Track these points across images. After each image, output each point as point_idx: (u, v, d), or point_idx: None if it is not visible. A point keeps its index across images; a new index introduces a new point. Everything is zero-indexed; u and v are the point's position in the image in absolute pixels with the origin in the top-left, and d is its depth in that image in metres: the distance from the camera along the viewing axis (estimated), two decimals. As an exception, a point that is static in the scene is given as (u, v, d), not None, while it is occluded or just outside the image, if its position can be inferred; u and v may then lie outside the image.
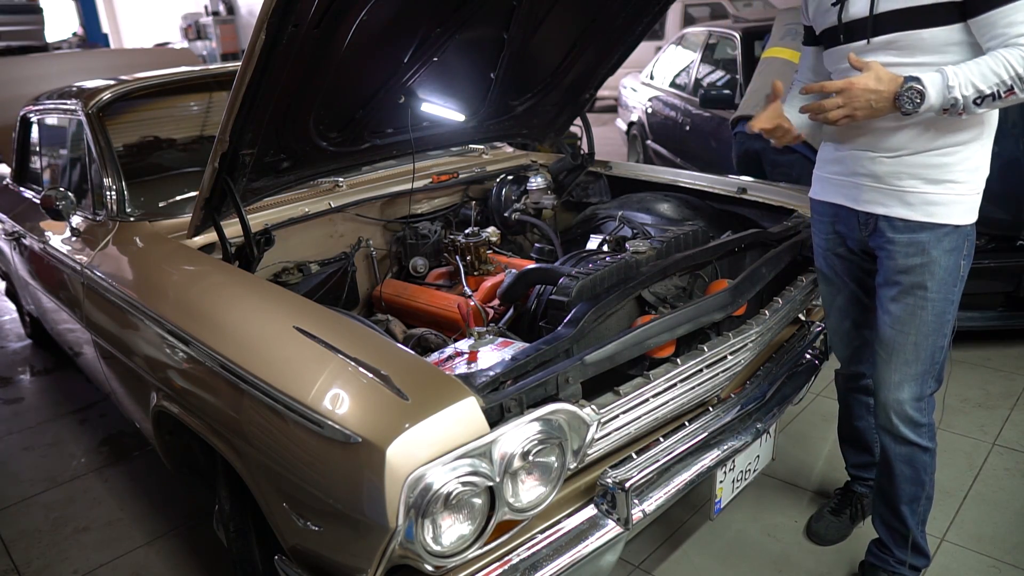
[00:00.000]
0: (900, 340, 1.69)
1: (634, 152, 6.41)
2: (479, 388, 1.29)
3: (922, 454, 1.77)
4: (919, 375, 1.71)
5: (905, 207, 1.62)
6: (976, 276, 3.21)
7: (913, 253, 1.63)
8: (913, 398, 1.72)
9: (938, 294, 1.64)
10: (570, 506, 1.50)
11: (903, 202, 1.62)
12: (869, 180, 1.66)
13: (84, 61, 5.88)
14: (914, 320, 1.67)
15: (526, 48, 2.32)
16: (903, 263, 1.65)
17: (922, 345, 1.68)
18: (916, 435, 1.75)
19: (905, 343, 1.69)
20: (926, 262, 1.62)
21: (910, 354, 1.69)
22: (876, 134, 1.61)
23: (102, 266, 2.15)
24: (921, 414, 1.74)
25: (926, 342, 1.68)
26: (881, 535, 1.92)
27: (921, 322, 1.66)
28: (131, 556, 2.35)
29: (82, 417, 3.28)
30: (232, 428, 1.50)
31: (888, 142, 1.60)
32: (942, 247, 1.61)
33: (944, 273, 1.63)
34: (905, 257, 1.64)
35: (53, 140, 3.02)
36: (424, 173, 2.72)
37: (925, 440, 1.76)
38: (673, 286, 1.99)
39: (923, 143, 1.57)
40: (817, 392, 2.97)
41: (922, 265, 1.63)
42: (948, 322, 1.68)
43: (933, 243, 1.61)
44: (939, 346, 1.70)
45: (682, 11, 9.54)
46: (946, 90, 1.41)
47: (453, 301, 2.18)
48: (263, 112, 1.76)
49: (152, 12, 16.60)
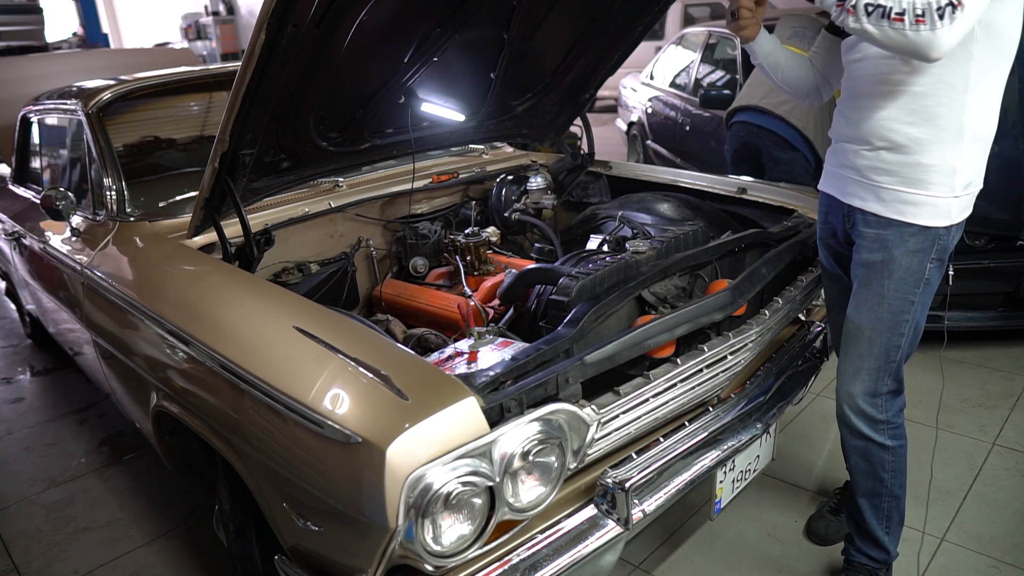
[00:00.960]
0: (855, 332, 1.73)
1: (634, 152, 6.41)
2: (479, 388, 1.29)
3: (878, 450, 1.78)
4: (872, 370, 1.73)
5: (878, 202, 1.65)
6: (976, 276, 3.22)
7: (876, 249, 1.67)
8: (866, 392, 1.74)
9: (895, 293, 1.66)
10: (570, 506, 1.50)
11: (878, 197, 1.65)
12: (852, 172, 1.70)
13: (84, 61, 5.88)
14: (870, 315, 1.70)
15: (526, 48, 2.32)
16: (866, 257, 1.69)
17: (875, 341, 1.70)
18: (871, 430, 1.76)
19: (860, 336, 1.72)
20: (886, 259, 1.65)
21: (864, 347, 1.72)
22: (859, 127, 1.65)
23: (102, 266, 2.15)
24: (876, 410, 1.75)
25: (879, 338, 1.70)
26: (847, 523, 1.96)
27: (876, 318, 1.69)
28: (131, 556, 2.35)
29: (82, 417, 3.28)
30: (232, 428, 1.50)
31: (868, 136, 1.63)
32: (905, 247, 1.63)
33: (904, 273, 1.65)
34: (869, 252, 1.68)
35: (53, 140, 3.02)
36: (424, 173, 2.72)
37: (883, 437, 1.77)
38: (673, 286, 1.99)
39: (900, 140, 1.59)
40: (817, 392, 2.97)
41: (881, 262, 1.66)
42: (905, 322, 1.69)
43: (896, 242, 1.64)
44: (894, 344, 1.71)
45: (682, 11, 9.54)
46: None
47: (453, 301, 2.18)
48: (263, 112, 1.76)
49: (152, 12, 16.60)
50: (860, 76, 1.65)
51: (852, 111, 1.68)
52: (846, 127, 1.70)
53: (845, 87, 1.73)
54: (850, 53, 1.68)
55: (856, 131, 1.66)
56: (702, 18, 9.29)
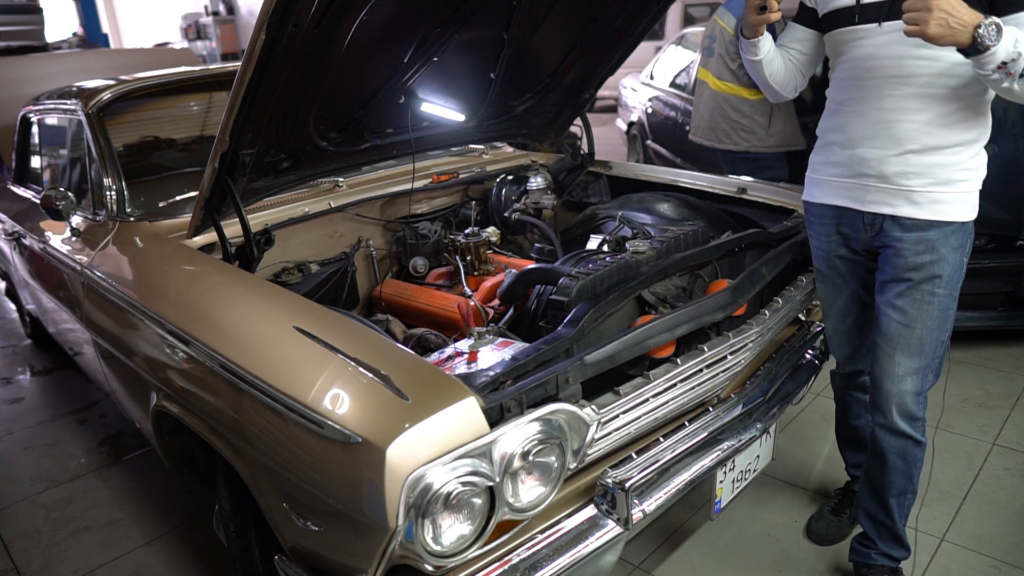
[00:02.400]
0: (906, 334, 1.72)
1: (634, 152, 6.41)
2: (479, 388, 1.29)
3: (915, 448, 1.80)
4: (921, 369, 1.74)
5: (912, 206, 1.64)
6: (976, 276, 3.22)
7: (923, 251, 1.66)
8: (914, 391, 1.75)
9: (945, 289, 1.68)
10: (570, 506, 1.50)
11: (910, 201, 1.64)
12: (875, 181, 1.67)
13: (84, 61, 5.87)
14: (921, 315, 1.69)
15: (526, 48, 2.32)
16: (913, 260, 1.67)
17: (927, 340, 1.71)
18: (911, 428, 1.78)
19: (911, 337, 1.71)
20: (936, 259, 1.66)
21: (914, 348, 1.72)
22: (882, 135, 1.63)
23: (102, 266, 2.15)
24: (918, 408, 1.77)
25: (930, 336, 1.71)
26: (865, 528, 1.94)
27: (928, 317, 1.69)
28: (131, 556, 2.35)
29: (82, 417, 3.28)
30: (232, 428, 1.50)
31: (894, 142, 1.61)
32: (950, 244, 1.65)
33: (951, 269, 1.67)
34: (915, 255, 1.67)
35: (53, 140, 3.02)
36: (424, 173, 2.72)
37: (919, 434, 1.79)
38: (673, 286, 1.99)
39: (929, 142, 1.59)
40: (817, 392, 2.97)
41: (932, 262, 1.66)
42: (951, 316, 1.72)
43: (941, 240, 1.65)
44: (941, 340, 1.73)
45: (682, 11, 9.54)
46: (1015, 43, 1.38)
47: (453, 301, 2.18)
48: (263, 112, 1.76)
49: (152, 12, 16.60)
50: (875, 77, 1.61)
51: (869, 114, 1.64)
52: (862, 131, 1.66)
53: (848, 86, 1.68)
54: (850, 50, 1.64)
55: (878, 135, 1.63)
56: (702, 18, 9.28)
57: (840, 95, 1.72)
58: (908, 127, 1.59)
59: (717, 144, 3.61)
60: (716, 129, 3.59)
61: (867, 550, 1.94)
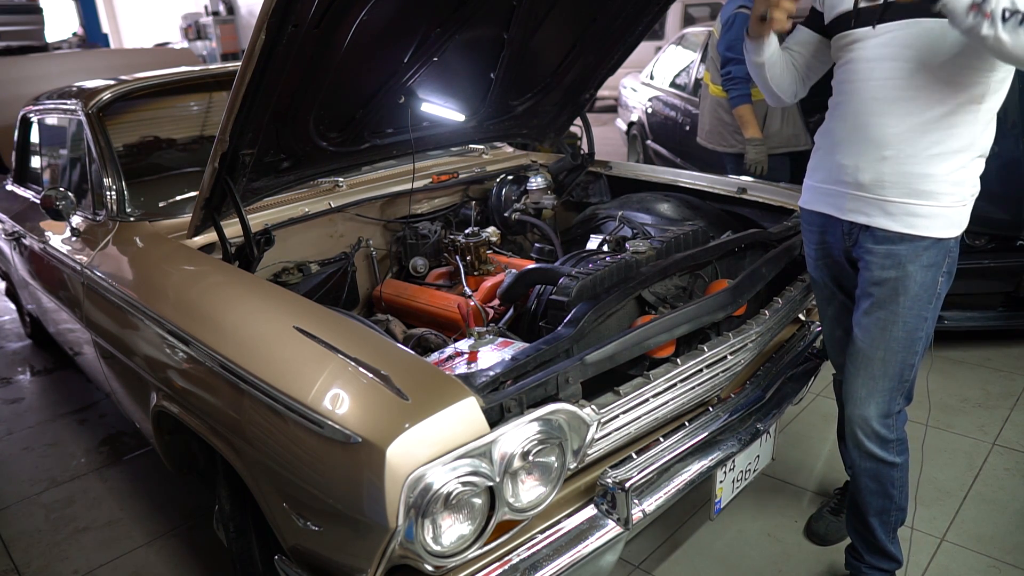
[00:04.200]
0: (868, 354, 1.66)
1: (634, 152, 6.41)
2: (479, 388, 1.29)
3: (888, 469, 1.74)
4: (886, 391, 1.67)
5: (886, 217, 1.58)
6: (976, 276, 3.22)
7: (888, 266, 1.59)
8: (880, 415, 1.69)
9: (910, 311, 1.60)
10: (570, 506, 1.50)
11: (884, 212, 1.58)
12: (852, 189, 1.62)
13: (84, 61, 5.87)
14: (883, 335, 1.63)
15: (526, 48, 2.32)
16: (877, 275, 1.61)
17: (890, 361, 1.64)
18: (883, 451, 1.72)
19: (873, 358, 1.65)
20: (900, 276, 1.59)
21: (877, 369, 1.66)
22: (859, 140, 1.58)
23: (102, 266, 2.15)
24: (888, 430, 1.71)
25: (894, 359, 1.64)
26: (853, 541, 1.92)
27: (891, 338, 1.62)
28: (131, 556, 2.35)
29: (82, 417, 3.28)
30: (232, 428, 1.50)
31: (871, 147, 1.56)
32: (920, 262, 1.57)
33: (918, 289, 1.59)
34: (880, 269, 1.60)
35: (53, 140, 3.02)
36: (424, 173, 2.72)
37: (892, 455, 1.73)
38: (673, 286, 1.99)
39: (907, 149, 1.53)
40: (817, 392, 2.97)
41: (896, 279, 1.59)
42: (920, 339, 1.64)
43: (910, 257, 1.57)
44: (908, 363, 1.66)
45: (682, 11, 9.54)
46: None
47: (453, 301, 2.18)
48: (263, 112, 1.76)
49: (152, 12, 16.60)
50: (861, 80, 1.57)
51: (849, 118, 1.59)
52: (842, 135, 1.61)
53: (838, 89, 1.64)
54: (847, 54, 1.60)
55: (856, 141, 1.59)
56: (702, 18, 9.28)
57: (832, 99, 1.68)
58: (886, 132, 1.53)
59: (717, 147, 3.65)
60: (715, 132, 3.65)
61: (857, 563, 1.91)
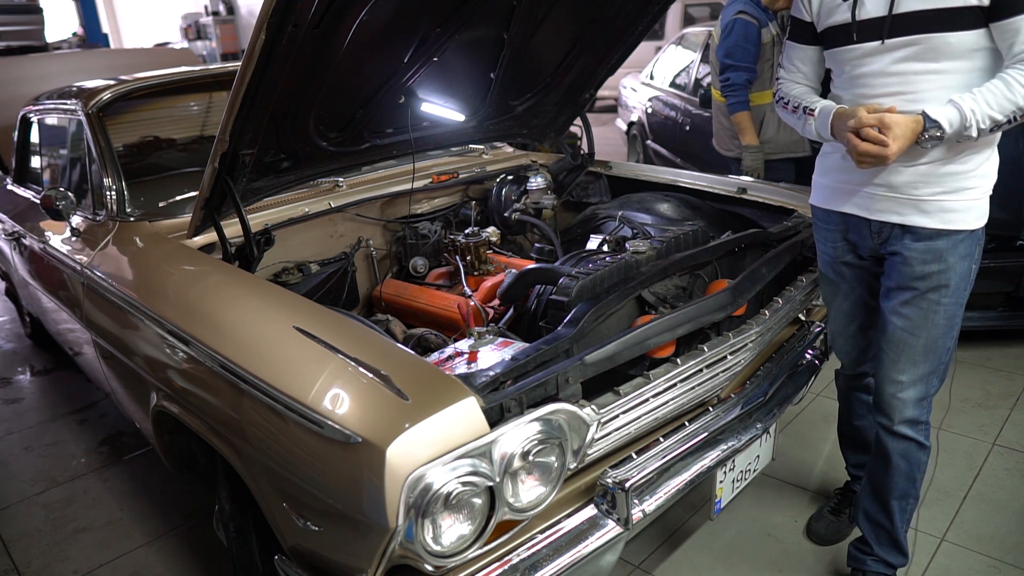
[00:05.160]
0: (911, 342, 1.70)
1: (634, 152, 6.41)
2: (479, 388, 1.29)
3: (918, 451, 1.79)
4: (925, 375, 1.73)
5: (922, 215, 1.62)
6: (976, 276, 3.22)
7: (930, 260, 1.64)
8: (918, 397, 1.74)
9: (952, 298, 1.66)
10: (570, 506, 1.50)
11: (919, 210, 1.62)
12: (883, 190, 1.65)
13: (84, 61, 5.86)
14: (926, 323, 1.68)
15: (526, 48, 2.32)
16: (920, 270, 1.65)
17: (931, 347, 1.70)
18: (915, 432, 1.77)
19: (916, 345, 1.70)
20: (943, 269, 1.64)
21: (919, 355, 1.71)
22: None
23: (102, 266, 2.15)
24: (921, 412, 1.76)
25: (935, 344, 1.70)
26: (864, 532, 1.93)
27: (933, 325, 1.68)
28: (131, 556, 2.35)
29: (82, 417, 3.28)
30: (232, 428, 1.50)
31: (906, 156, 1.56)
32: (958, 253, 1.63)
33: (959, 278, 1.65)
34: (922, 264, 1.65)
35: (53, 140, 3.02)
36: (424, 173, 2.72)
37: (922, 437, 1.78)
38: (673, 286, 1.99)
39: (940, 152, 1.57)
40: (817, 392, 2.97)
41: (939, 272, 1.64)
42: (957, 324, 1.71)
43: (950, 250, 1.62)
44: (947, 347, 1.72)
45: (682, 11, 9.54)
46: (963, 128, 1.47)
47: (453, 301, 2.18)
48: (263, 112, 1.76)
49: (152, 12, 16.60)
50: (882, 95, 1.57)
51: None
52: None
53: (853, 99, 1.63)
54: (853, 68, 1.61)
55: None
56: (702, 18, 9.28)
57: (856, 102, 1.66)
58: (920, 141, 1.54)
59: (723, 150, 3.66)
60: (719, 136, 3.69)
61: (864, 556, 1.92)
